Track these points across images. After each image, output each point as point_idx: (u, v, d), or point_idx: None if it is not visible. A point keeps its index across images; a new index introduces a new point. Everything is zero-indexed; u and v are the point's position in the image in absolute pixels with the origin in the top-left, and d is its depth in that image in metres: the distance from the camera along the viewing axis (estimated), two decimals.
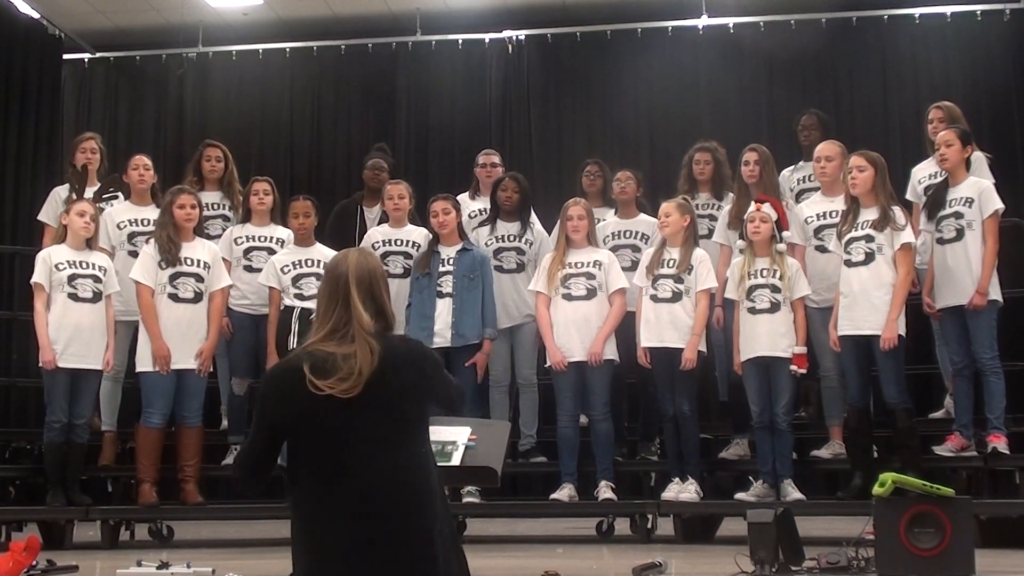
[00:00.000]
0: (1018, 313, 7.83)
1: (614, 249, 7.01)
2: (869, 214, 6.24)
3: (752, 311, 6.38)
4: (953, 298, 6.29)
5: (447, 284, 6.79)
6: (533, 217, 7.41)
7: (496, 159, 7.86)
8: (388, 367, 3.13)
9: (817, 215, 6.75)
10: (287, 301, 6.85)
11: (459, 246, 6.91)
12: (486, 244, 7.16)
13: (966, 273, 6.23)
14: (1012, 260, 7.49)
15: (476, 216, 7.47)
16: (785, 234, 6.50)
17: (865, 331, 6.18)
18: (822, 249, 6.66)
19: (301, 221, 7.01)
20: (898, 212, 6.22)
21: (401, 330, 6.71)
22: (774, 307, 6.34)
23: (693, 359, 6.42)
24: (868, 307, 6.17)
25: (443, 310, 6.74)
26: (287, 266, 6.92)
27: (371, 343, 3.12)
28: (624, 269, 6.78)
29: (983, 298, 6.17)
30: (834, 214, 6.59)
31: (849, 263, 6.26)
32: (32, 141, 9.70)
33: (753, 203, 6.51)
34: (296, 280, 6.87)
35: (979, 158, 6.73)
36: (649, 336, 6.51)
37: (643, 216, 7.16)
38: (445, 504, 3.27)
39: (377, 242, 7.14)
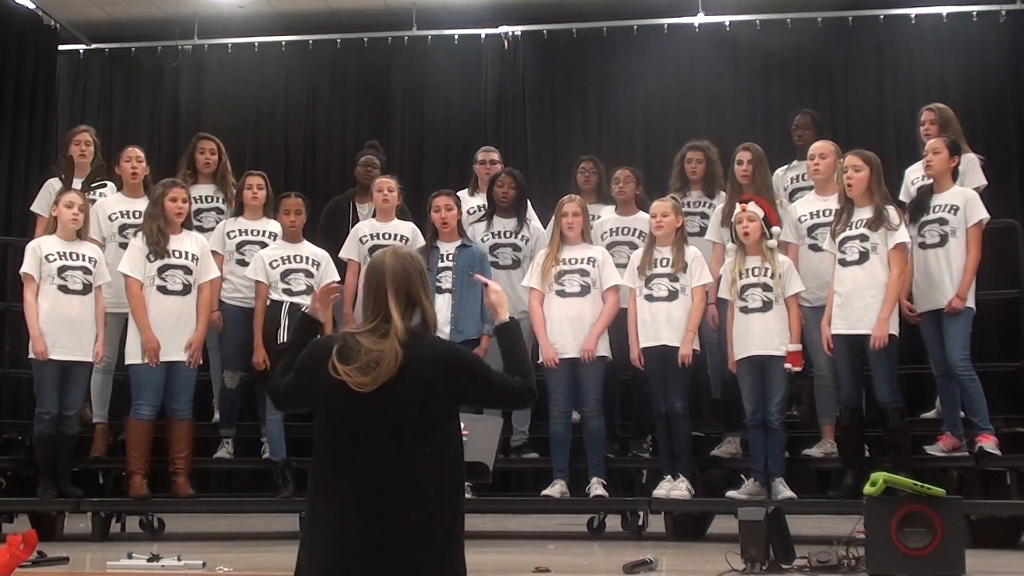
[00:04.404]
0: (1011, 314, 7.85)
1: (612, 246, 7.02)
2: (863, 213, 6.24)
3: (745, 310, 6.39)
4: (933, 303, 6.31)
5: (446, 280, 6.80)
6: (531, 213, 7.43)
7: (496, 156, 7.88)
8: (412, 367, 3.17)
9: (811, 214, 6.75)
10: (274, 296, 6.84)
11: (458, 242, 6.92)
12: (482, 240, 7.16)
13: (946, 279, 6.24)
14: (1006, 261, 7.50)
15: (475, 212, 7.47)
16: (775, 230, 6.49)
17: (859, 330, 6.18)
18: (815, 248, 6.65)
19: (292, 219, 7.00)
20: (892, 212, 6.23)
21: None
22: (767, 306, 6.34)
23: (689, 354, 6.43)
24: (862, 306, 6.17)
25: (442, 306, 6.73)
26: (275, 261, 6.91)
27: (398, 349, 3.17)
28: (620, 266, 6.78)
29: (961, 302, 6.18)
30: (827, 213, 6.58)
31: (843, 262, 6.26)
32: (27, 132, 9.68)
33: (738, 204, 6.51)
34: (284, 275, 6.87)
35: (972, 159, 6.74)
36: (646, 336, 6.51)
37: (641, 213, 7.13)
38: (455, 505, 3.25)
39: (365, 236, 7.15)
